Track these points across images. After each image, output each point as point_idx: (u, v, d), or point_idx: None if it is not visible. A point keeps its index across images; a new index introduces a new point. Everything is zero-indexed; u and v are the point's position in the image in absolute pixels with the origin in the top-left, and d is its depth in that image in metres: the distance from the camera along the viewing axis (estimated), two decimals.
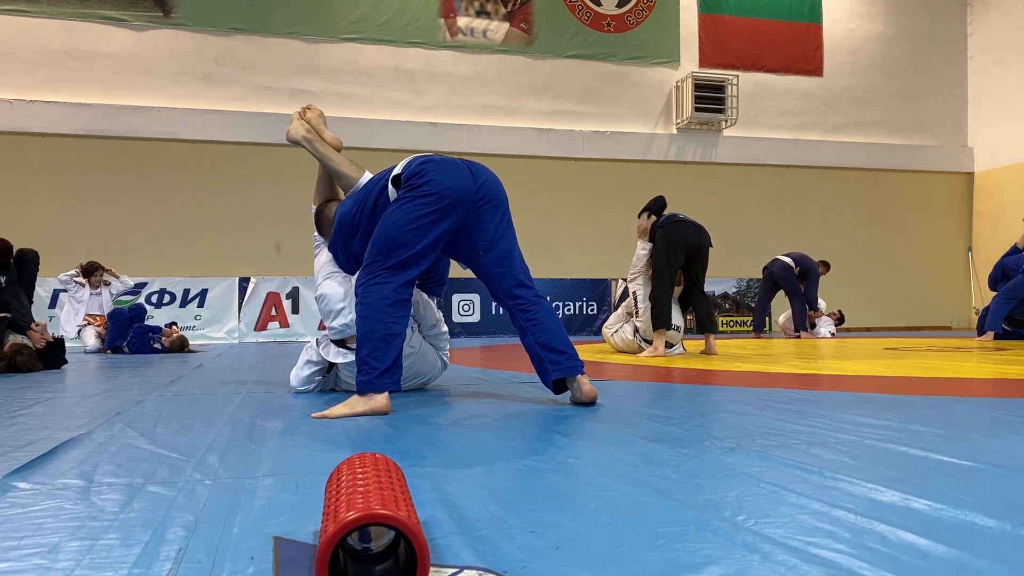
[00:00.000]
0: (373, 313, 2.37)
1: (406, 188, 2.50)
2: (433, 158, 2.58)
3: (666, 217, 5.46)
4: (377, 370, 2.33)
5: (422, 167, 2.52)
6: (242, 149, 9.68)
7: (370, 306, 2.38)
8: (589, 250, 10.53)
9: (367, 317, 2.38)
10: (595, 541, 1.01)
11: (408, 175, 2.52)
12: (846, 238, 11.59)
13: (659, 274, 5.28)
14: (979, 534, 1.02)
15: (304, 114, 3.13)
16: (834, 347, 6.47)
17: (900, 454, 1.59)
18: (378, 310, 2.37)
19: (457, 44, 10.43)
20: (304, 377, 2.95)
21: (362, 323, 2.39)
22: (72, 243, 8.48)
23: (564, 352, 2.50)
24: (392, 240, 2.43)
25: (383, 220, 2.50)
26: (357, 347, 2.41)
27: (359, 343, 2.39)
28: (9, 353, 4.50)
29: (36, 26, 9.10)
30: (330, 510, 0.84)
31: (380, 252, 2.44)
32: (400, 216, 2.45)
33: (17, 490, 1.35)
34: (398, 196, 2.51)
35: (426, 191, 2.46)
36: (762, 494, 1.26)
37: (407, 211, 2.44)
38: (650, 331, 5.42)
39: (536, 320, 2.53)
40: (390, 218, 2.48)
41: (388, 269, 2.43)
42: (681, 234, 5.33)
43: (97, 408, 2.59)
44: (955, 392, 2.87)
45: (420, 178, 2.48)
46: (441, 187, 2.47)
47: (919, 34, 12.29)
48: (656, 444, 1.75)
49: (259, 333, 9.09)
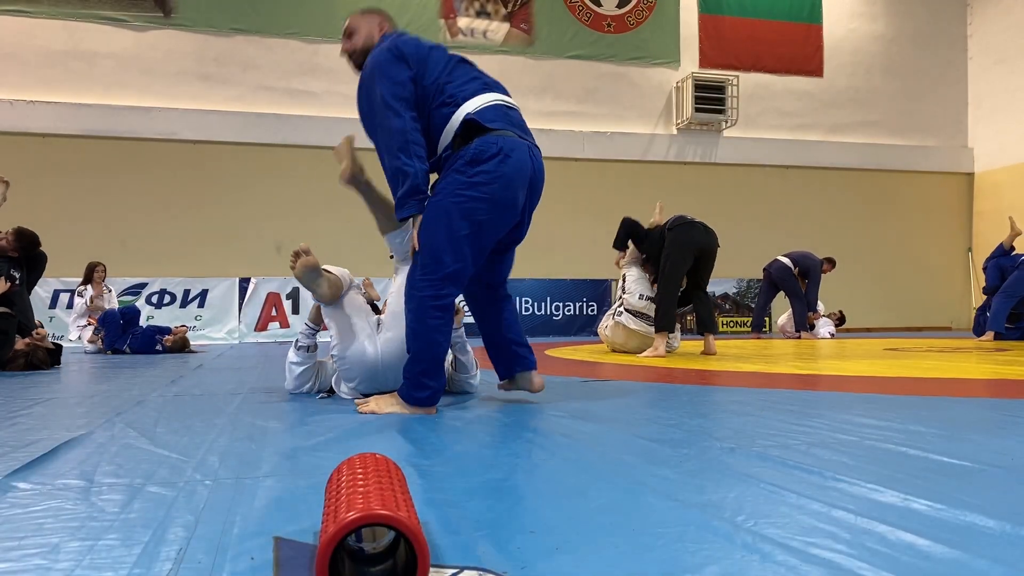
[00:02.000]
0: (428, 333, 2.27)
1: (471, 165, 2.24)
2: (506, 145, 2.27)
3: (675, 219, 5.47)
4: (432, 389, 2.30)
5: (496, 162, 2.25)
6: (242, 149, 9.68)
7: (425, 323, 2.27)
8: (589, 250, 10.53)
9: (422, 336, 2.28)
10: (595, 541, 1.01)
11: (478, 154, 2.25)
12: (846, 238, 11.58)
13: (666, 277, 5.29)
14: (979, 534, 1.02)
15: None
16: (834, 348, 6.47)
17: (900, 454, 1.59)
18: (433, 330, 2.28)
19: (457, 45, 10.43)
20: (296, 380, 2.93)
21: (417, 339, 2.29)
22: (72, 243, 8.48)
23: (528, 347, 2.63)
24: (445, 248, 2.26)
25: (436, 214, 2.27)
26: (411, 361, 2.31)
27: (414, 358, 2.30)
28: (28, 350, 4.63)
29: (37, 26, 9.11)
30: (330, 510, 0.84)
31: (433, 259, 2.27)
32: (455, 217, 2.25)
33: (17, 490, 1.35)
34: (459, 172, 2.26)
35: (489, 193, 2.25)
36: (762, 494, 1.26)
37: (464, 211, 2.24)
38: (635, 303, 5.52)
39: (509, 315, 2.63)
40: (443, 218, 2.25)
41: (443, 280, 2.28)
42: (691, 236, 5.34)
43: (97, 408, 2.59)
44: (955, 392, 2.87)
45: (488, 174, 2.24)
46: (507, 197, 2.29)
47: (919, 34, 12.29)
48: (656, 444, 1.75)
49: (259, 333, 9.09)
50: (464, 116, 2.30)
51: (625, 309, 5.66)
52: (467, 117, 2.30)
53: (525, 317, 10.08)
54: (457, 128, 2.30)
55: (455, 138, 2.31)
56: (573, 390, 3.04)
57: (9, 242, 5.11)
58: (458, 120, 2.30)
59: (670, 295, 5.26)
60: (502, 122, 2.33)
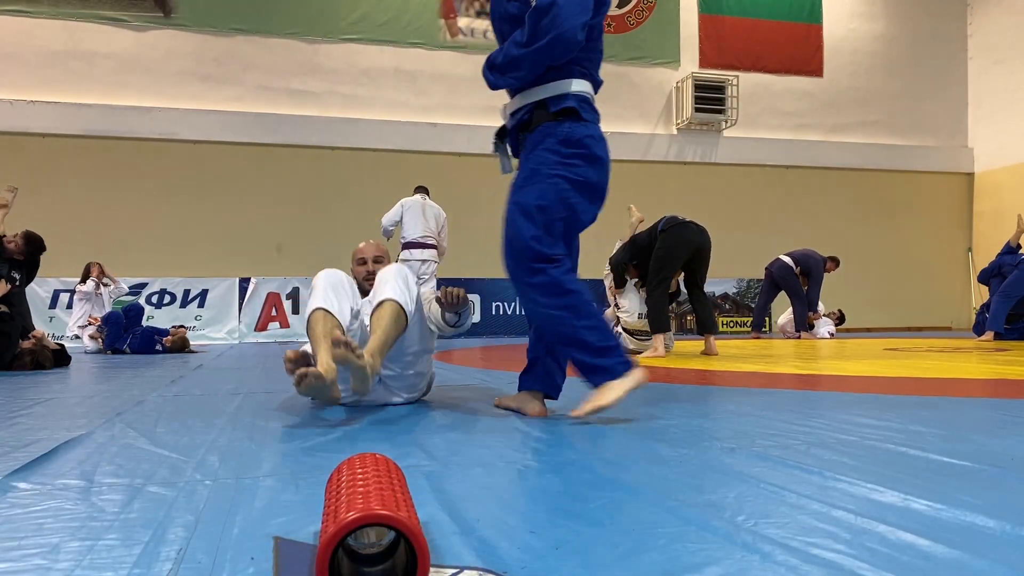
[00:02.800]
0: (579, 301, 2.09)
1: (568, 147, 2.13)
2: (596, 136, 2.18)
3: (667, 220, 5.48)
4: (616, 347, 2.10)
5: (592, 146, 2.15)
6: (242, 149, 9.68)
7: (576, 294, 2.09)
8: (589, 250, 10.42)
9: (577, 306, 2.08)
10: (595, 541, 1.01)
11: (574, 137, 2.13)
12: (846, 238, 11.59)
13: (657, 279, 5.31)
14: (979, 534, 1.02)
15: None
16: (834, 348, 6.47)
17: (900, 454, 1.59)
18: (586, 298, 2.11)
19: (457, 44, 10.43)
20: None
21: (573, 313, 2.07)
22: (73, 243, 8.48)
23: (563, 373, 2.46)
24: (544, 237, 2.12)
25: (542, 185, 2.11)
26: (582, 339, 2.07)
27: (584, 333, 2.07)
28: (37, 348, 4.68)
29: (37, 26, 9.11)
30: (330, 510, 0.84)
31: (547, 232, 2.12)
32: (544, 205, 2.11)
33: (17, 490, 1.35)
34: (554, 152, 2.12)
35: (583, 175, 2.15)
36: (762, 494, 1.26)
37: (548, 202, 2.11)
38: (632, 323, 5.55)
39: None
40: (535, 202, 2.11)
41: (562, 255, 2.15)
42: (684, 236, 5.36)
43: (97, 408, 2.59)
44: (955, 392, 2.87)
45: (582, 158, 2.14)
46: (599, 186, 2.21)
47: (919, 34, 12.29)
48: (656, 444, 1.75)
49: (259, 333, 9.09)
50: (580, 92, 2.16)
51: (623, 330, 5.72)
52: (581, 95, 2.16)
53: (525, 317, 10.08)
54: (570, 95, 2.14)
55: (552, 101, 2.14)
56: (573, 390, 3.04)
57: (18, 245, 5.19)
58: (574, 89, 2.14)
59: (661, 297, 5.29)
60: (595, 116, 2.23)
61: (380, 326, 2.28)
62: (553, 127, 2.14)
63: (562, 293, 2.07)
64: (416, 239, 6.93)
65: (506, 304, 10.03)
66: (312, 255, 9.60)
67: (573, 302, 2.07)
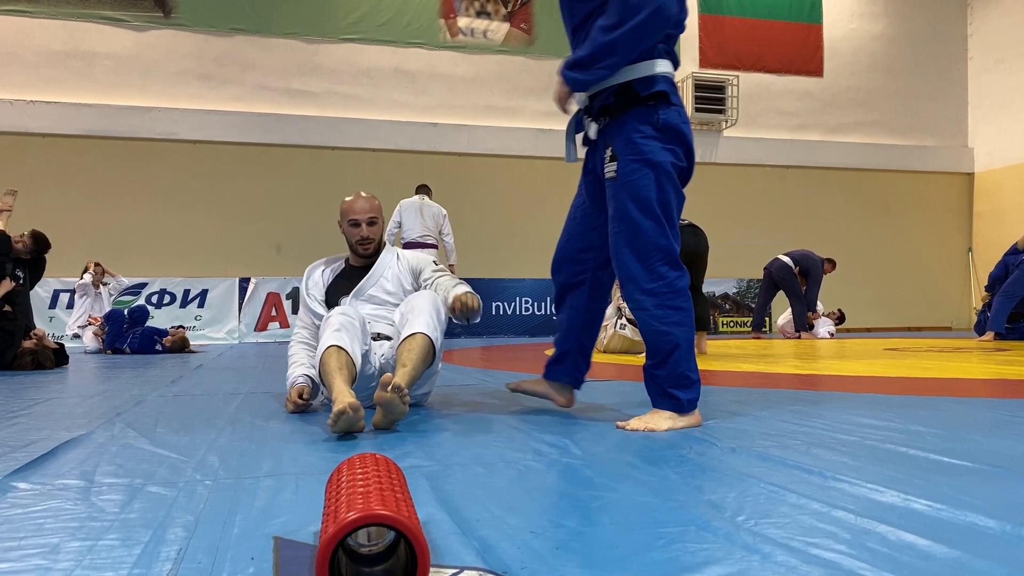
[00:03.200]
0: (688, 321, 2.02)
1: (666, 134, 2.01)
2: (687, 121, 2.07)
3: None
4: (697, 383, 2.06)
5: (687, 133, 2.06)
6: (242, 149, 9.68)
7: (687, 313, 2.02)
8: None
9: (685, 325, 2.01)
10: (595, 541, 1.01)
11: (671, 123, 2.02)
12: (846, 238, 11.58)
13: None
14: (979, 534, 1.02)
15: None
16: (834, 348, 6.47)
17: (900, 454, 1.59)
18: (691, 320, 2.04)
19: (457, 44, 10.43)
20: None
21: (680, 332, 2.00)
22: (73, 243, 8.47)
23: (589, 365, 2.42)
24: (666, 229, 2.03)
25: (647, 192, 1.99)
26: (674, 361, 2.00)
27: (679, 357, 2.00)
28: (38, 348, 4.70)
29: (37, 26, 9.10)
30: (330, 510, 0.84)
31: (664, 245, 2.03)
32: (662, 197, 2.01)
33: (17, 490, 1.35)
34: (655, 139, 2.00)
35: (681, 164, 2.05)
36: (762, 494, 1.26)
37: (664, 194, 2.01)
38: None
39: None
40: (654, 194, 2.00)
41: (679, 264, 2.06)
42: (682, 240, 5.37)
43: (97, 408, 2.59)
44: (955, 392, 2.87)
45: (681, 145, 2.04)
46: (690, 174, 2.10)
47: (919, 34, 12.28)
48: (656, 444, 1.75)
49: (259, 333, 9.09)
50: (667, 74, 2.05)
51: (628, 320, 5.75)
52: (669, 76, 2.05)
53: (525, 317, 10.08)
54: (658, 76, 2.02)
55: (640, 84, 2.02)
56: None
57: (26, 244, 5.21)
58: (660, 70, 2.03)
59: None
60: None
61: (410, 360, 2.21)
62: (647, 113, 2.01)
63: (676, 309, 1.99)
64: (415, 239, 6.94)
65: (506, 304, 10.04)
66: (312, 255, 9.54)
67: (682, 320, 2.00)
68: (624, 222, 2.02)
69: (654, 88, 2.00)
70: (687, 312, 2.01)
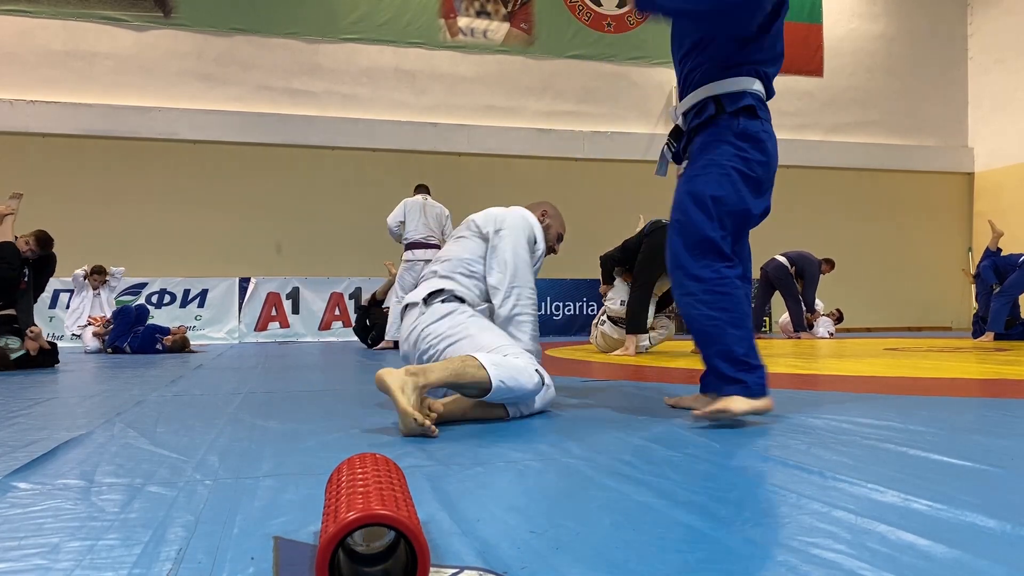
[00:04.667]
0: (738, 308, 2.03)
1: (744, 140, 2.05)
2: (769, 131, 2.11)
3: (651, 224, 5.53)
4: (761, 368, 2.04)
5: (766, 140, 2.09)
6: (242, 149, 9.68)
7: (735, 300, 2.02)
8: (589, 250, 10.52)
9: (734, 311, 2.02)
10: (595, 541, 1.01)
11: (750, 131, 2.06)
12: (846, 238, 11.58)
13: (638, 282, 5.34)
14: (979, 534, 1.02)
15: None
16: (833, 347, 6.47)
17: (900, 454, 1.59)
18: (744, 308, 2.06)
19: (457, 44, 10.43)
20: None
21: (727, 317, 2.01)
22: (73, 243, 8.46)
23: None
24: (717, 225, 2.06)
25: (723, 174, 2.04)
26: (726, 345, 2.01)
27: (730, 341, 2.01)
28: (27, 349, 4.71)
29: (36, 26, 9.10)
30: (330, 510, 0.84)
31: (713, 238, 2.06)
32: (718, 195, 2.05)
33: (17, 490, 1.35)
34: (730, 144, 2.04)
35: (755, 171, 2.07)
36: (762, 494, 1.26)
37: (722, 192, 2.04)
38: (616, 309, 5.65)
39: None
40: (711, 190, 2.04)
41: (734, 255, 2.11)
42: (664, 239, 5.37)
43: (97, 408, 2.59)
44: (955, 392, 2.87)
45: (759, 151, 2.07)
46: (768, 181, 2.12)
47: (919, 34, 12.28)
48: (656, 444, 1.75)
49: (259, 333, 9.09)
50: (756, 91, 2.09)
51: (608, 317, 5.78)
52: (757, 94, 2.09)
53: None
54: (746, 92, 2.06)
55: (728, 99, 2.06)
56: (573, 391, 3.04)
57: (31, 246, 5.20)
58: (748, 87, 2.07)
59: (640, 299, 5.33)
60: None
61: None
62: (729, 121, 2.07)
63: (725, 295, 2.01)
64: (419, 239, 6.92)
65: None
66: (312, 255, 9.60)
67: (731, 306, 2.01)
68: (679, 212, 2.12)
69: (740, 103, 2.06)
70: (736, 299, 2.02)
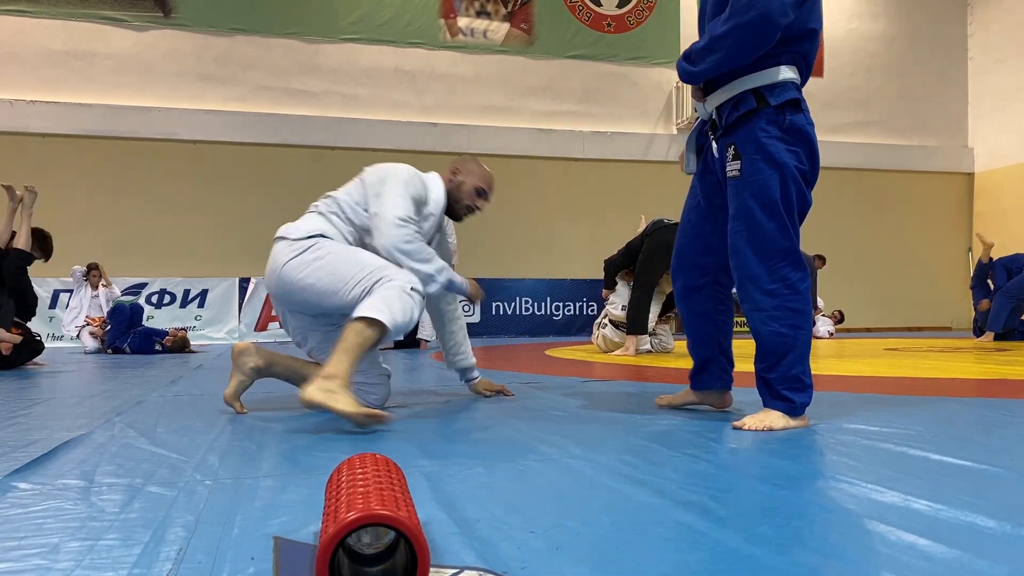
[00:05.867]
0: (806, 324, 2.00)
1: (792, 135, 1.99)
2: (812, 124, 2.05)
3: (652, 224, 5.52)
4: (810, 388, 2.03)
5: (812, 135, 2.04)
6: (242, 149, 9.68)
7: (805, 316, 1.99)
8: (589, 250, 10.53)
9: (803, 328, 1.99)
10: (595, 541, 1.01)
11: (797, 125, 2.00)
12: (846, 238, 11.58)
13: (639, 283, 5.34)
14: (979, 534, 1.02)
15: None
16: (834, 347, 6.47)
17: (900, 454, 1.59)
18: (810, 324, 2.02)
19: (457, 44, 10.43)
20: None
21: (797, 335, 1.98)
22: (73, 243, 8.46)
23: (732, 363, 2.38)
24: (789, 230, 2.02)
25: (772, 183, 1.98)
26: (789, 363, 1.98)
27: (794, 359, 1.98)
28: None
29: (36, 26, 9.11)
30: (330, 510, 0.84)
31: (787, 247, 2.01)
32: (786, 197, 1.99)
33: (17, 490, 1.35)
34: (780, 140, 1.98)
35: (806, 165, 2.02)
36: (762, 494, 1.26)
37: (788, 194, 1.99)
38: (617, 314, 5.66)
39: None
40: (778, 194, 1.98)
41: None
42: (667, 239, 5.34)
43: (97, 408, 2.59)
44: (956, 392, 2.87)
45: (806, 146, 2.02)
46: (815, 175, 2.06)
47: (919, 34, 12.29)
48: (656, 444, 1.75)
49: (259, 333, 9.08)
50: (795, 81, 2.03)
51: (609, 321, 5.79)
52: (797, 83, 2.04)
53: (525, 317, 10.09)
54: (788, 83, 2.00)
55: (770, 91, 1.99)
56: (574, 391, 3.04)
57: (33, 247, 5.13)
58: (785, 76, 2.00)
59: (641, 300, 5.33)
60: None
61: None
62: (774, 115, 2.00)
63: (797, 312, 1.98)
64: None
65: (506, 304, 10.04)
66: None
67: (803, 323, 1.98)
68: (746, 221, 2.01)
69: (785, 97, 1.99)
70: (806, 315, 2.00)
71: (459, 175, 2.65)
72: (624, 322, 5.67)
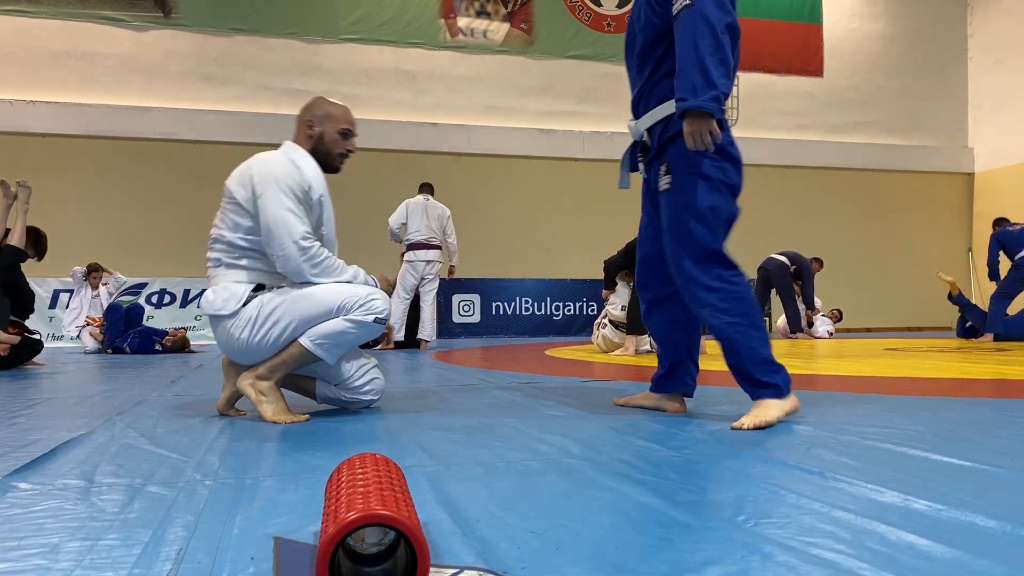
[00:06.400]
0: (754, 311, 2.08)
1: (717, 151, 2.04)
2: (734, 139, 2.13)
3: None
4: (783, 367, 2.10)
5: (733, 150, 2.12)
6: (242, 149, 9.59)
7: (751, 304, 2.07)
8: (589, 250, 10.53)
9: (752, 315, 2.06)
10: (595, 541, 1.01)
11: (724, 144, 2.06)
12: (846, 238, 11.58)
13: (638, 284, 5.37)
14: (979, 534, 1.02)
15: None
16: (833, 347, 6.47)
17: (900, 454, 1.59)
18: (758, 309, 2.11)
19: (457, 44, 10.43)
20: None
21: (748, 321, 2.05)
22: (73, 243, 8.48)
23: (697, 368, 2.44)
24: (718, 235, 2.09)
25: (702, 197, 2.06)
26: (752, 348, 2.04)
27: (756, 344, 2.04)
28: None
29: (36, 26, 9.11)
30: (330, 510, 0.83)
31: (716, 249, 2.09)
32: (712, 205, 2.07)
33: (17, 490, 1.35)
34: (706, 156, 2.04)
35: (731, 178, 2.10)
36: (762, 494, 1.26)
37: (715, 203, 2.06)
38: (617, 314, 5.69)
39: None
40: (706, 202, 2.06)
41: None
42: None
43: (97, 408, 2.59)
44: (955, 392, 2.87)
45: (730, 161, 2.09)
46: (740, 187, 2.14)
47: (919, 34, 12.29)
48: (656, 444, 1.75)
49: None
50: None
51: (609, 321, 5.82)
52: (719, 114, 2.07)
53: (525, 317, 10.09)
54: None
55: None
56: (574, 391, 3.04)
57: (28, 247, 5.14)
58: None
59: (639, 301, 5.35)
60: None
61: None
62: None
63: (741, 300, 2.05)
64: (421, 240, 6.94)
65: (506, 304, 10.04)
66: None
67: (749, 310, 2.06)
68: (678, 228, 2.10)
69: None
70: (752, 303, 2.07)
71: (316, 126, 2.40)
72: (624, 322, 5.68)
